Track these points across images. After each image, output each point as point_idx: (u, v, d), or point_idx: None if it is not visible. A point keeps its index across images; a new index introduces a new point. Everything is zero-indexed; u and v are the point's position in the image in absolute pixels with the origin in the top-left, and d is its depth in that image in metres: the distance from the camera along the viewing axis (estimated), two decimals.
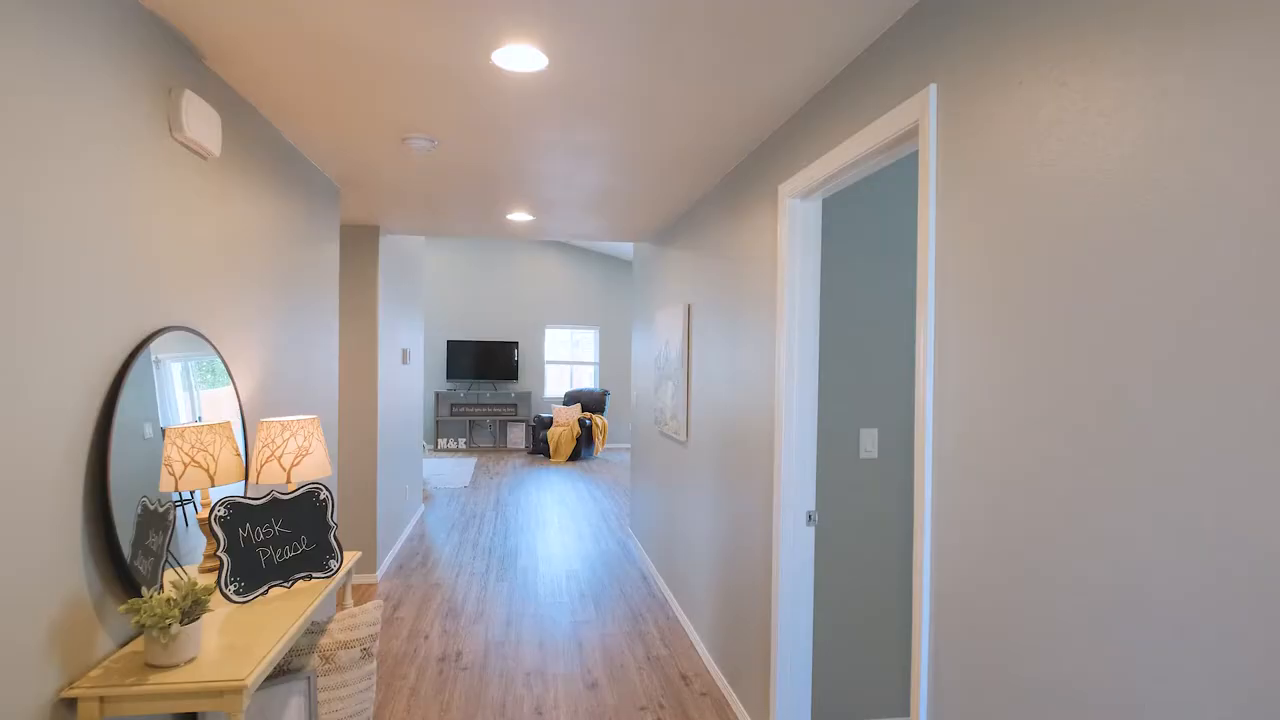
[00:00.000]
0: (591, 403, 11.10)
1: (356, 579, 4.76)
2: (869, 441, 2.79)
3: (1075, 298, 1.21)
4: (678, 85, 2.30)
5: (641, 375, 5.52)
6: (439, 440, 11.32)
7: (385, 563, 5.05)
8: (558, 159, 3.15)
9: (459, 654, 3.61)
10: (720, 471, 3.32)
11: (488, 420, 11.49)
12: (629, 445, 11.89)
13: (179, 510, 2.20)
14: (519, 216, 4.41)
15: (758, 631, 2.77)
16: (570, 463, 10.30)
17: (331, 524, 2.31)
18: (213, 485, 2.21)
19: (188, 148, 2.04)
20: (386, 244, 5.08)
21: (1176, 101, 1.03)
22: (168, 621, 1.55)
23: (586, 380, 12.12)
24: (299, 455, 2.34)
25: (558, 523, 6.54)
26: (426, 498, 7.62)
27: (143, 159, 1.81)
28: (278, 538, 2.16)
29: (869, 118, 1.94)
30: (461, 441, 11.39)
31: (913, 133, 1.73)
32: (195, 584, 1.65)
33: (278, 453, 2.31)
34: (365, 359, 4.79)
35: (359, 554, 2.53)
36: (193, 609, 1.63)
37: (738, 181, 3.11)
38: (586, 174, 3.40)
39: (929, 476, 1.63)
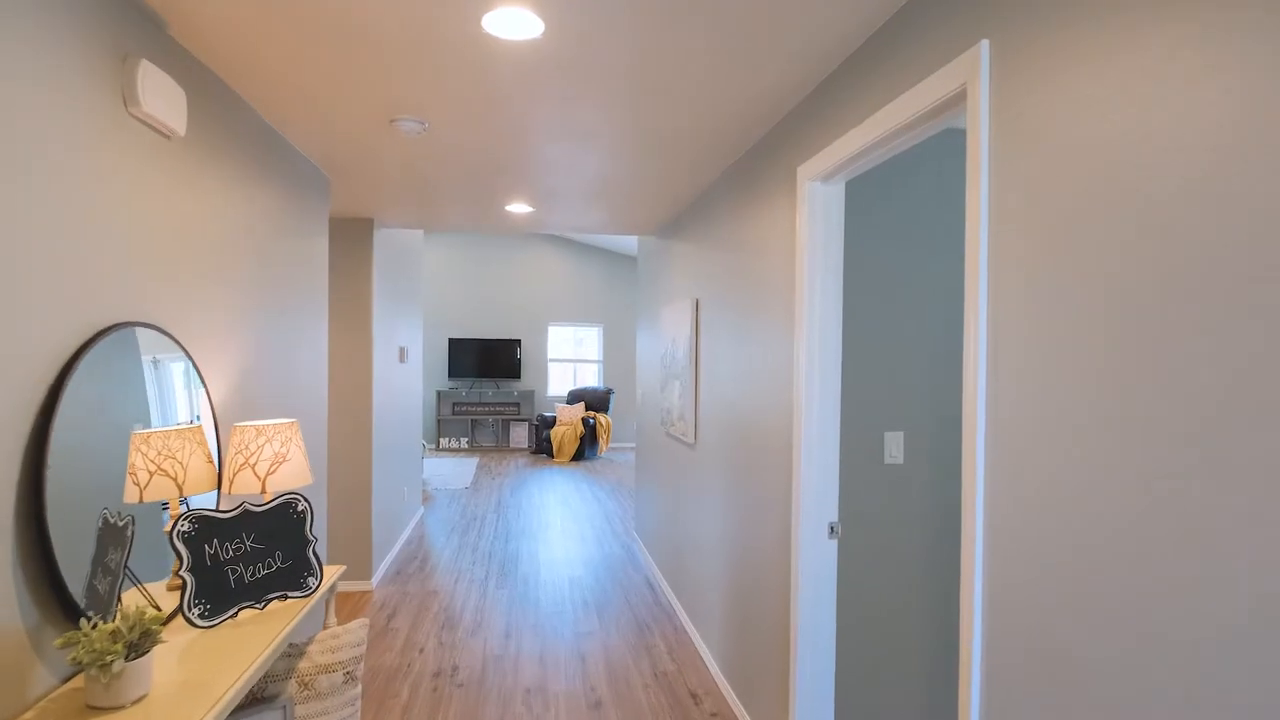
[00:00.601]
0: (595, 401, 10.90)
1: (351, 586, 4.58)
2: (894, 446, 2.59)
3: (1159, 289, 1.01)
4: (687, 55, 2.10)
5: (647, 374, 5.32)
6: (440, 440, 11.14)
7: (381, 568, 4.86)
8: (557, 143, 2.95)
9: (455, 669, 3.42)
10: (731, 477, 3.11)
11: (490, 419, 11.30)
12: (634, 445, 11.67)
13: (161, 520, 2.01)
14: (518, 208, 4.21)
15: (774, 649, 2.57)
16: (574, 463, 10.10)
17: (310, 538, 2.11)
18: (181, 495, 2.02)
19: (147, 125, 1.85)
20: (382, 238, 4.88)
21: None
22: (109, 658, 1.35)
23: (590, 378, 11.93)
24: (275, 462, 2.15)
25: (560, 525, 6.35)
26: (426, 499, 7.44)
27: (90, 133, 1.61)
28: (249, 554, 1.96)
29: (904, 85, 1.73)
30: (464, 441, 11.21)
31: (959, 98, 1.52)
32: (144, 612, 1.45)
33: (251, 460, 2.12)
34: (359, 358, 4.59)
35: (343, 568, 2.33)
36: (141, 641, 1.44)
37: (751, 165, 2.90)
38: (588, 160, 3.19)
39: (980, 486, 1.43)
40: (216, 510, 1.92)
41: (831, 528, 2.29)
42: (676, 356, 4.17)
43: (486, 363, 11.19)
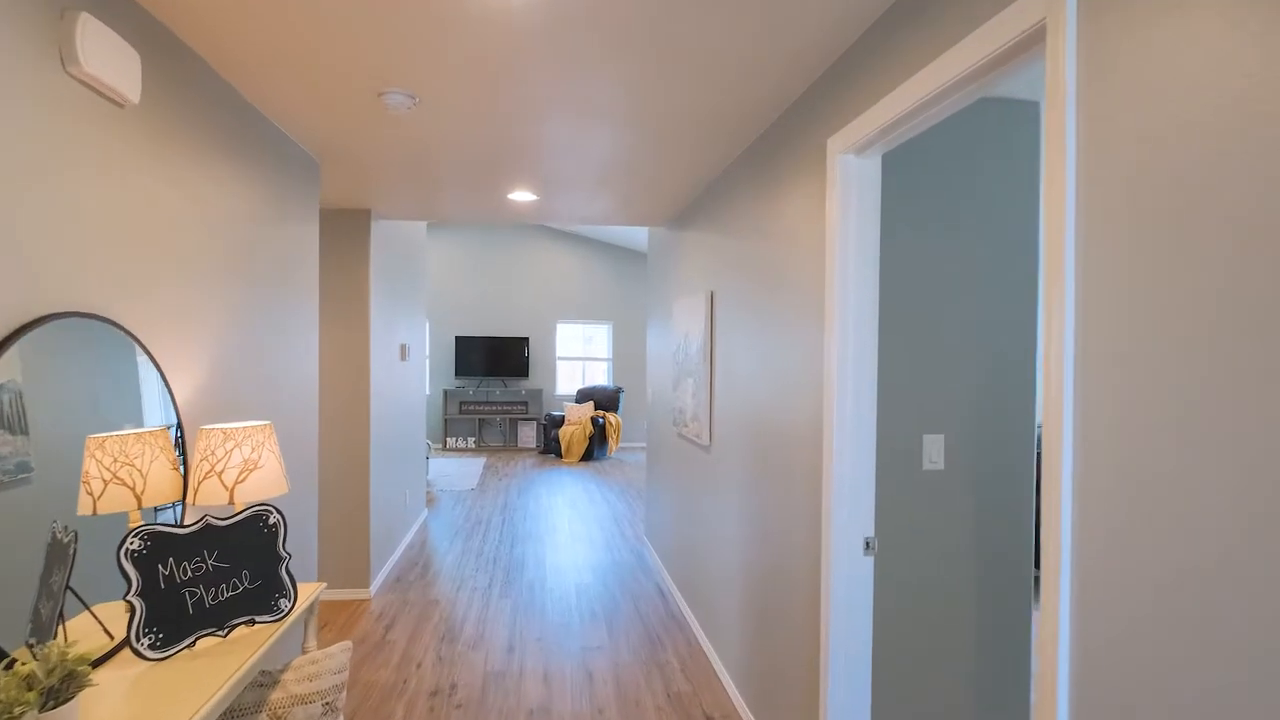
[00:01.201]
0: (605, 400, 10.68)
1: (348, 595, 4.37)
2: (934, 450, 2.34)
3: None
4: (704, 9, 1.85)
5: (657, 372, 5.08)
6: (447, 439, 10.95)
7: (381, 575, 4.65)
8: (560, 119, 2.71)
9: (454, 687, 3.19)
10: (750, 482, 2.87)
11: (498, 418, 11.10)
12: (644, 445, 11.44)
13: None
14: (521, 196, 3.98)
15: (801, 672, 2.32)
16: (583, 463, 9.88)
17: (283, 555, 1.89)
18: (140, 507, 1.80)
19: (90, 88, 1.63)
20: (382, 232, 4.67)
21: None
22: (18, 710, 1.13)
23: (599, 377, 11.70)
24: (245, 470, 1.92)
25: (568, 529, 6.12)
26: (431, 501, 7.23)
27: (14, 92, 1.39)
28: (211, 574, 1.74)
29: (960, 31, 1.49)
30: (471, 440, 11.01)
31: (1034, 39, 1.27)
32: (67, 652, 1.23)
33: (218, 467, 1.90)
34: (356, 356, 4.38)
35: (322, 586, 2.11)
36: (64, 686, 1.22)
37: (774, 142, 2.66)
38: (593, 139, 2.96)
39: (1067, 503, 1.18)
40: (172, 525, 1.70)
41: (867, 543, 2.05)
42: (689, 353, 3.93)
43: (494, 361, 10.98)
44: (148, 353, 1.85)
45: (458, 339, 10.91)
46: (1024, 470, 2.39)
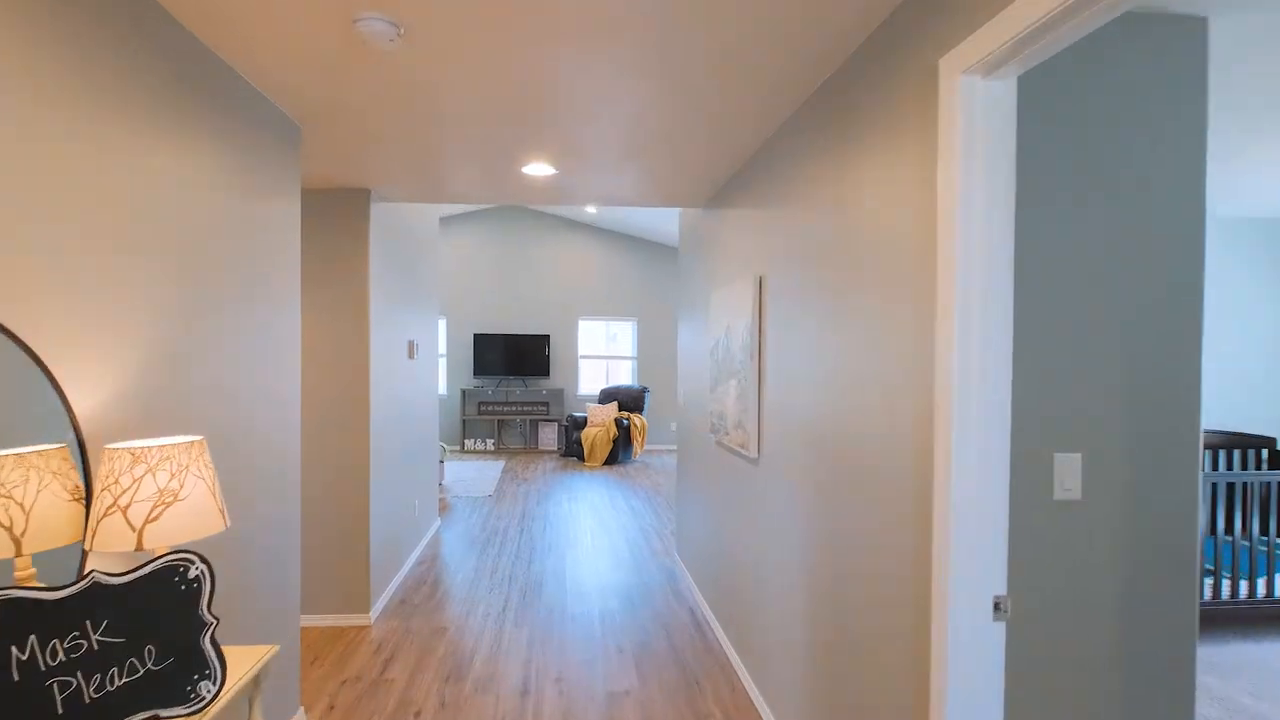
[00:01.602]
0: (629, 401, 10.16)
1: (345, 621, 3.90)
2: (1068, 474, 1.79)
3: None
4: None
5: (690, 371, 4.55)
6: (465, 441, 10.51)
7: (383, 598, 4.19)
8: (578, 63, 2.20)
9: None
10: (814, 508, 2.34)
11: (517, 419, 10.64)
12: (671, 447, 10.91)
13: None
14: (537, 169, 3.48)
15: None
16: (606, 466, 9.38)
17: (208, 619, 1.40)
18: (19, 554, 1.34)
19: None
20: (385, 217, 4.20)
21: None
22: None
23: (624, 376, 11.19)
24: (159, 503, 1.44)
25: (591, 542, 5.62)
26: (444, 509, 6.78)
27: None
28: (96, 655, 1.26)
29: None
30: (490, 442, 10.57)
31: None
32: None
33: (122, 500, 1.41)
34: (353, 354, 3.91)
35: (275, 649, 1.62)
36: None
37: (849, 80, 2.12)
38: (621, 92, 2.44)
39: None
40: (37, 588, 1.22)
41: (997, 603, 1.51)
42: (731, 350, 3.40)
43: (514, 359, 10.53)
44: (25, 348, 1.37)
45: (476, 336, 10.47)
46: (1185, 499, 1.83)
